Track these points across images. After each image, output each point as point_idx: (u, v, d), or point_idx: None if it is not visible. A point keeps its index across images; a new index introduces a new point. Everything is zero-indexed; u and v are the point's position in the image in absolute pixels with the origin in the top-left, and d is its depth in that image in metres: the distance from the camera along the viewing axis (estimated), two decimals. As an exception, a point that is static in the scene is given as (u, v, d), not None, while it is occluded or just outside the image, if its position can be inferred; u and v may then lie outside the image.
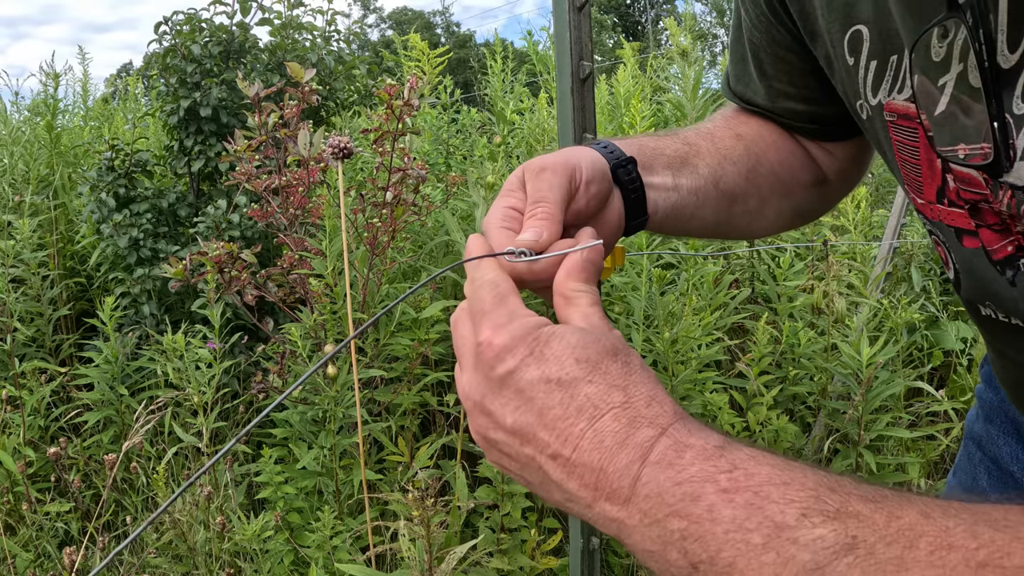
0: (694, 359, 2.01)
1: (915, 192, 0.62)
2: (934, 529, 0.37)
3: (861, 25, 0.61)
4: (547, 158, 0.63)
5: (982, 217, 0.57)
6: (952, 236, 0.61)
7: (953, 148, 0.54)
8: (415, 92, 1.97)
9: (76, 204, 3.41)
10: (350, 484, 1.90)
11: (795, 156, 0.84)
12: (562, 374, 0.46)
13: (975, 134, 0.52)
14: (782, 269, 2.50)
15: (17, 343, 2.58)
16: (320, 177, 2.20)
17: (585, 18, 0.98)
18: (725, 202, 0.78)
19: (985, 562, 0.34)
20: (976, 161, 0.52)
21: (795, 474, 0.41)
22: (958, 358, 2.62)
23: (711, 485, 0.41)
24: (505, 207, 0.61)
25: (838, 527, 0.38)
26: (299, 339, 1.90)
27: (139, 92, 5.02)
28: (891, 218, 2.78)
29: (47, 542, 1.96)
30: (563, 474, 0.45)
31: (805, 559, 0.37)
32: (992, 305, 0.62)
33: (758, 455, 0.42)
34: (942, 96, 0.54)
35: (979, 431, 0.85)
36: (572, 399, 0.45)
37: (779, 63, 0.78)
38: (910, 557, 0.36)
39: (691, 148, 0.77)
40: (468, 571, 1.56)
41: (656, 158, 0.73)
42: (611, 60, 6.20)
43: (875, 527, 0.37)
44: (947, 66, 0.53)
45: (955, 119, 0.53)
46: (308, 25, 3.30)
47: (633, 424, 0.44)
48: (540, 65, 3.78)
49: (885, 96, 0.60)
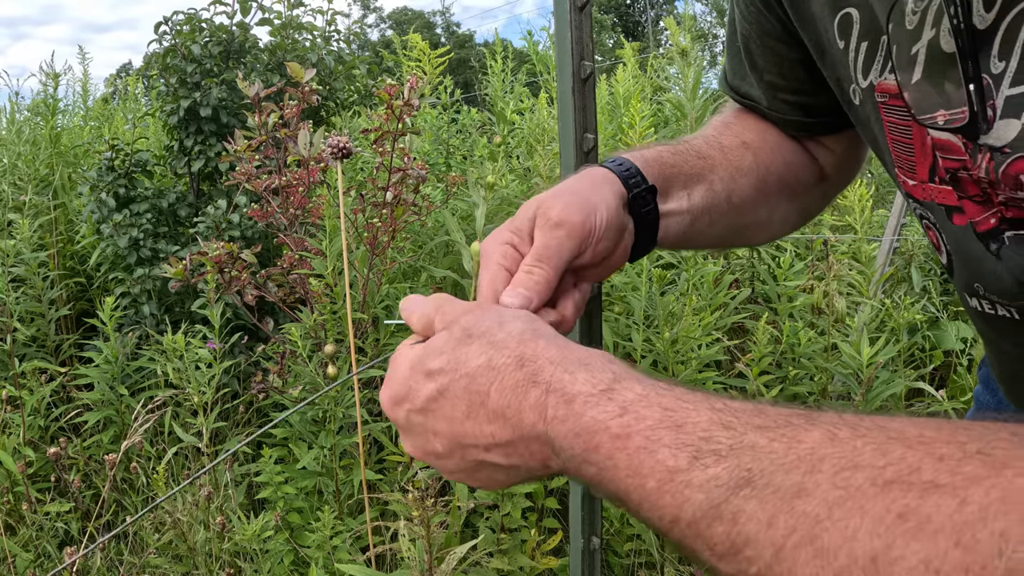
0: (694, 359, 2.01)
1: (907, 173, 0.62)
2: (840, 451, 0.35)
3: (851, 8, 0.61)
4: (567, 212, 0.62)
5: (963, 188, 0.56)
6: (943, 215, 0.60)
7: (932, 115, 0.54)
8: (415, 92, 1.97)
9: (76, 204, 3.41)
10: (350, 484, 1.90)
11: (797, 157, 0.84)
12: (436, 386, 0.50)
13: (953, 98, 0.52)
14: (782, 269, 2.50)
15: (17, 343, 2.58)
16: (320, 177, 2.20)
17: (586, 18, 0.98)
18: (735, 215, 0.78)
19: (892, 479, 0.32)
20: (955, 124, 0.52)
21: (688, 414, 0.40)
22: (958, 358, 2.62)
23: (604, 434, 0.42)
24: (507, 243, 0.63)
25: (731, 463, 0.37)
26: (299, 339, 1.90)
27: (139, 92, 5.02)
28: (891, 218, 2.78)
29: (47, 542, 1.95)
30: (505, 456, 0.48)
31: (700, 499, 0.37)
32: (981, 288, 0.62)
33: (649, 393, 0.43)
34: (916, 64, 0.54)
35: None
36: (458, 397, 0.49)
37: (768, 54, 0.77)
38: (811, 481, 0.34)
39: (705, 162, 0.76)
40: (468, 571, 1.56)
41: (674, 179, 0.73)
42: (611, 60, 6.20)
43: (772, 456, 0.36)
44: (919, 33, 0.53)
45: (931, 86, 0.54)
46: (308, 25, 3.30)
47: (517, 391, 0.46)
48: (540, 65, 3.78)
49: (876, 77, 0.60)
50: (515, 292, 0.59)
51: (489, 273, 0.62)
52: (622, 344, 2.18)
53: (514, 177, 3.05)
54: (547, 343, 0.48)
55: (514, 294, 0.59)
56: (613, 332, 2.14)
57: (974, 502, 0.30)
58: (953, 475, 0.31)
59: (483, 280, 0.62)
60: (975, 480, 0.30)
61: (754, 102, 0.82)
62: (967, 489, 0.30)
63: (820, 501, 0.34)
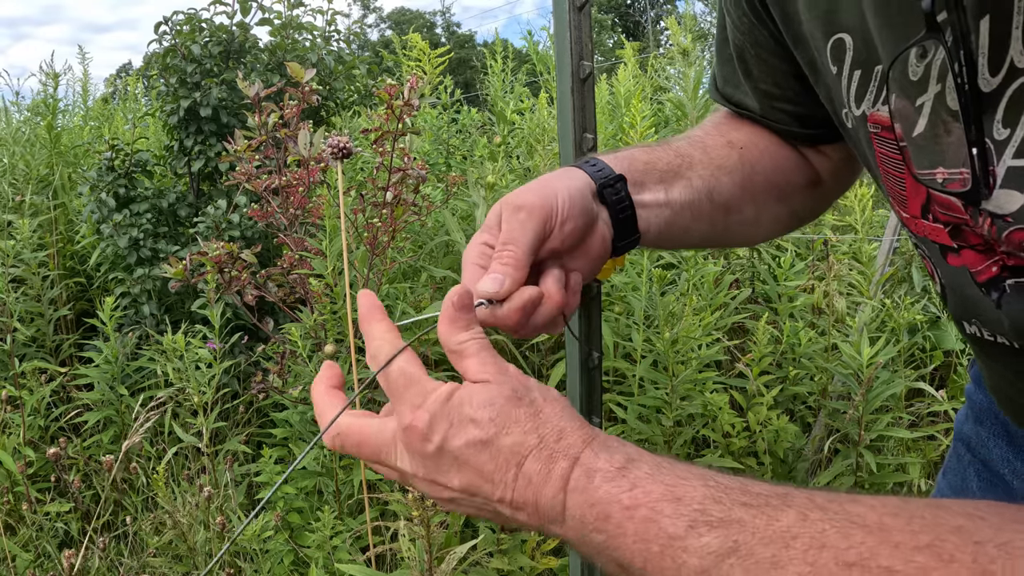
0: (694, 359, 2.00)
1: (900, 206, 0.61)
2: (810, 531, 0.41)
3: (844, 33, 0.59)
4: (525, 195, 0.65)
5: (964, 238, 0.55)
6: (937, 252, 0.59)
7: (931, 172, 0.53)
8: (415, 92, 1.96)
9: (76, 204, 3.41)
10: (350, 484, 1.90)
11: (789, 160, 0.82)
12: (482, 435, 0.52)
13: (954, 158, 0.50)
14: (783, 269, 2.50)
15: (17, 343, 2.58)
16: (320, 177, 2.20)
17: (585, 18, 0.98)
18: (720, 213, 0.78)
19: (853, 562, 0.38)
20: (954, 187, 0.51)
21: (686, 489, 0.46)
22: (958, 358, 2.62)
23: (616, 505, 0.47)
24: (482, 243, 0.66)
25: (721, 534, 0.43)
26: (299, 339, 1.90)
27: (139, 92, 5.02)
28: (891, 218, 2.78)
29: (47, 542, 1.95)
30: (511, 511, 0.52)
31: (694, 563, 0.43)
32: (978, 323, 0.61)
33: (655, 472, 0.48)
34: (920, 117, 0.52)
35: (969, 432, 0.83)
36: (499, 452, 0.52)
37: (763, 65, 0.76)
38: (785, 556, 0.40)
39: (683, 160, 0.76)
40: (468, 571, 1.56)
41: (648, 173, 0.73)
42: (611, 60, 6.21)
43: (755, 531, 0.42)
44: (924, 86, 0.51)
45: (933, 142, 0.52)
46: (308, 25, 3.30)
47: (550, 460, 0.51)
48: (540, 65, 3.78)
49: (869, 107, 0.59)
50: (488, 277, 0.61)
51: (467, 274, 0.64)
52: (622, 344, 2.18)
53: (514, 177, 3.05)
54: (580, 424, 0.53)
55: (487, 279, 0.61)
56: (613, 332, 2.14)
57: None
58: (906, 564, 0.37)
59: (464, 281, 0.63)
60: (926, 570, 0.37)
61: (748, 111, 0.81)
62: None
63: (792, 573, 0.40)
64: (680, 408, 2.00)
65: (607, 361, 2.07)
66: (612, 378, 2.24)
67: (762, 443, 2.06)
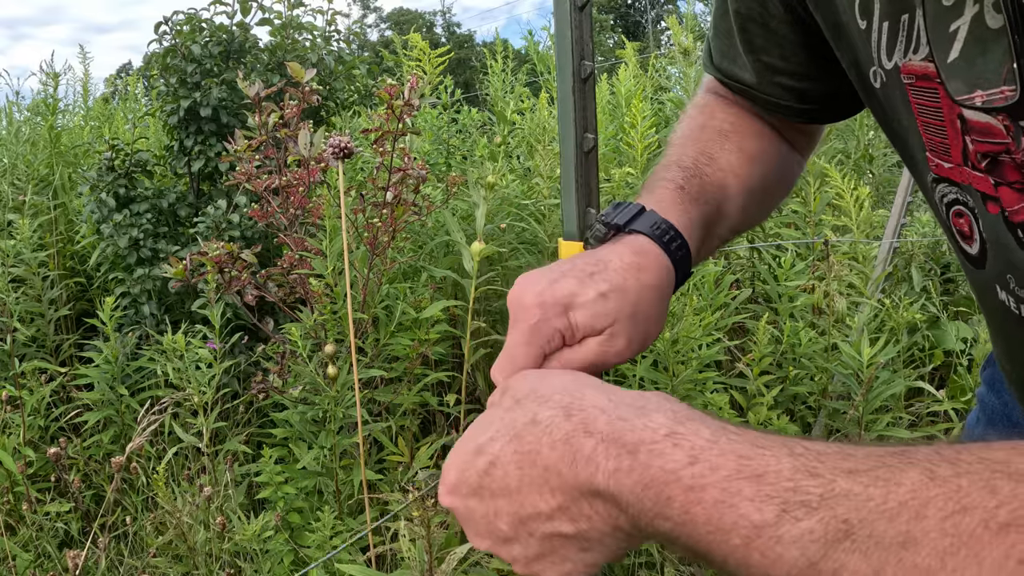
0: (695, 359, 2.00)
1: (942, 156, 0.59)
2: (944, 491, 0.32)
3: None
4: (630, 325, 0.60)
5: (1002, 173, 0.53)
6: (979, 201, 0.57)
7: (970, 96, 0.51)
8: (416, 92, 1.96)
9: (76, 204, 3.41)
10: (350, 484, 1.90)
11: (786, 160, 0.83)
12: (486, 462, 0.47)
13: (992, 78, 0.50)
14: (783, 269, 2.50)
15: (17, 343, 2.58)
16: (320, 177, 2.20)
17: (586, 18, 0.98)
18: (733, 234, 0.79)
19: (1008, 522, 0.30)
20: (998, 103, 0.49)
21: (768, 460, 0.37)
22: (958, 358, 2.62)
23: (676, 486, 0.38)
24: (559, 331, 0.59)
25: (825, 515, 0.34)
26: (299, 339, 1.90)
27: (139, 92, 5.02)
28: (891, 218, 2.78)
29: (47, 542, 1.95)
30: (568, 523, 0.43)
31: (794, 556, 0.34)
32: (1012, 281, 0.59)
33: (720, 439, 0.39)
34: (955, 42, 0.51)
35: (980, 435, 0.83)
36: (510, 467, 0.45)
37: (770, 35, 0.75)
38: (918, 529, 0.32)
39: (723, 193, 0.75)
40: (468, 571, 1.56)
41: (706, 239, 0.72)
42: (612, 60, 6.20)
43: (871, 503, 0.33)
44: (960, 9, 0.50)
45: (970, 65, 0.51)
46: (308, 25, 3.30)
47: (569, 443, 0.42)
48: (541, 65, 3.78)
49: (901, 58, 0.58)
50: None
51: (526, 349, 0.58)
52: (622, 344, 2.17)
53: (514, 177, 3.05)
54: (594, 391, 0.45)
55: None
56: (613, 332, 2.14)
57: None
58: None
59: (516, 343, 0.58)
60: None
61: (744, 85, 0.79)
62: None
63: (931, 551, 0.31)
64: (680, 408, 2.00)
65: (607, 361, 2.06)
66: (612, 378, 2.25)
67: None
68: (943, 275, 3.01)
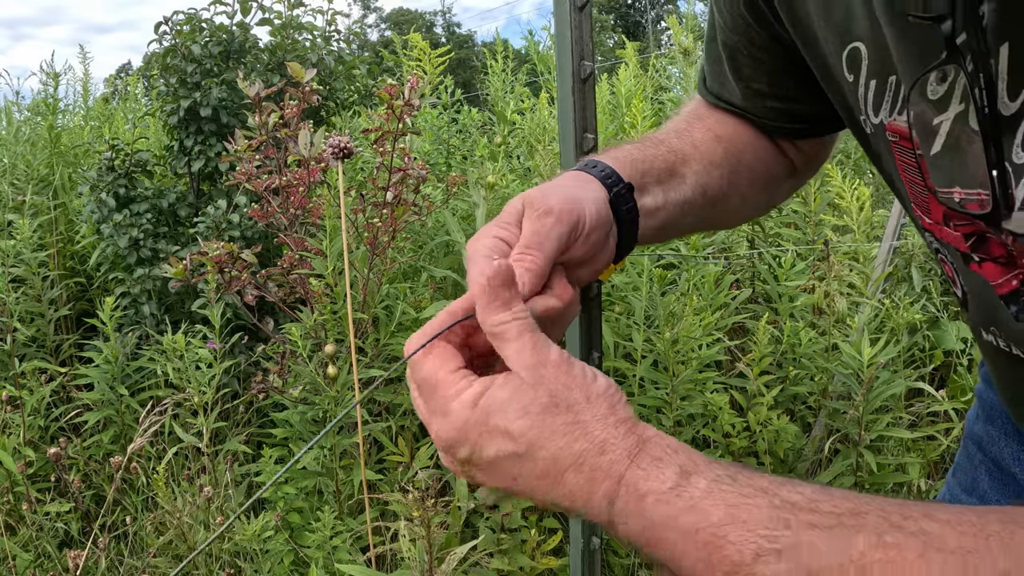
0: (695, 359, 2.00)
1: (923, 212, 0.60)
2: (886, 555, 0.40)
3: (859, 42, 0.59)
4: (553, 199, 0.62)
5: (986, 250, 0.55)
6: (959, 260, 0.59)
7: (949, 190, 0.53)
8: (416, 92, 1.96)
9: (76, 204, 3.41)
10: (350, 484, 1.90)
11: (769, 153, 0.84)
12: (515, 448, 0.50)
13: (971, 178, 0.51)
14: (783, 269, 2.50)
15: (17, 343, 2.58)
16: (320, 177, 2.20)
17: (586, 18, 0.98)
18: (708, 207, 0.79)
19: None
20: (973, 208, 0.51)
21: (750, 511, 0.44)
22: (958, 358, 2.62)
23: (673, 530, 0.46)
24: (496, 238, 0.61)
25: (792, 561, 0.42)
26: (299, 339, 1.90)
27: (139, 92, 5.02)
28: (891, 218, 2.78)
29: (47, 542, 1.95)
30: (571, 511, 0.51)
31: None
32: (995, 332, 0.61)
33: (714, 490, 0.46)
34: (938, 136, 0.52)
35: (979, 431, 0.84)
36: (535, 466, 0.50)
37: (758, 64, 0.77)
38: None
39: (677, 157, 0.76)
40: (468, 571, 1.56)
41: (647, 175, 0.72)
42: (612, 60, 6.21)
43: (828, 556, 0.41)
44: (945, 105, 0.51)
45: (951, 161, 0.52)
46: (308, 25, 3.30)
47: (592, 481, 0.49)
48: (541, 65, 3.78)
49: (886, 117, 0.59)
50: None
51: (478, 267, 0.59)
52: (622, 344, 2.18)
53: (514, 177, 3.05)
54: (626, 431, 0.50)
55: None
56: (614, 332, 2.14)
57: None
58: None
59: (472, 275, 0.59)
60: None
61: (737, 108, 0.82)
62: None
63: None
64: (680, 408, 2.00)
65: (607, 361, 2.07)
66: (612, 378, 2.24)
67: (762, 443, 2.06)
68: (943, 275, 3.00)
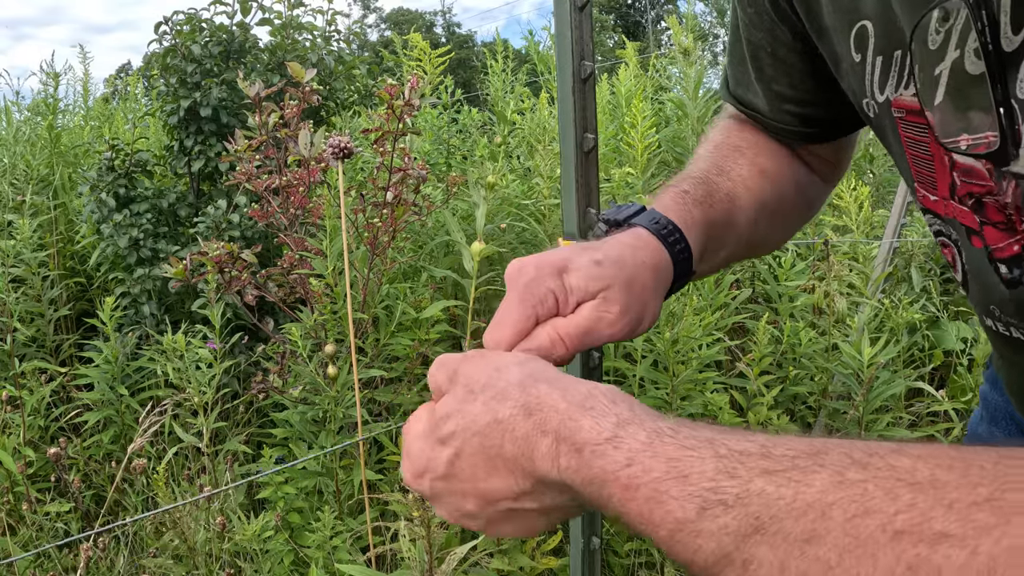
0: (695, 359, 2.00)
1: (928, 189, 0.61)
2: (848, 494, 0.35)
3: (866, 20, 0.59)
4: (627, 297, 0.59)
5: (986, 213, 0.55)
6: (963, 234, 0.59)
7: (955, 139, 0.53)
8: (416, 92, 1.96)
9: (76, 204, 3.41)
10: (350, 484, 1.90)
11: (805, 181, 0.84)
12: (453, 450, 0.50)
13: (977, 124, 0.51)
14: (783, 269, 2.50)
15: (17, 343, 2.58)
16: (320, 177, 2.20)
17: (586, 18, 0.98)
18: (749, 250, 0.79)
19: (903, 529, 0.33)
20: (980, 150, 0.51)
21: (693, 463, 0.41)
22: (958, 358, 2.62)
23: (614, 484, 0.42)
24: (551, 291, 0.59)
25: (739, 512, 0.38)
26: (299, 339, 1.90)
27: (139, 92, 5.02)
28: (891, 218, 2.78)
29: (47, 542, 1.95)
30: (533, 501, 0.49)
31: (711, 547, 0.38)
32: (996, 311, 0.61)
33: (654, 442, 0.43)
34: (939, 87, 0.53)
35: (983, 433, 0.83)
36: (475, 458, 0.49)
37: (779, 64, 0.76)
38: (821, 527, 0.35)
39: (733, 205, 0.75)
40: (468, 571, 1.56)
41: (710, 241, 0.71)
42: (612, 60, 6.20)
43: (781, 502, 0.37)
44: (943, 54, 0.52)
45: (954, 108, 0.52)
46: (308, 25, 3.30)
47: (528, 441, 0.47)
48: (541, 65, 3.78)
49: (892, 92, 0.59)
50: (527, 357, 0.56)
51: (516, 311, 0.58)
52: (622, 344, 2.18)
53: (515, 177, 3.05)
54: (549, 387, 0.48)
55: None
56: (613, 332, 2.14)
57: (983, 553, 0.30)
58: (964, 525, 0.31)
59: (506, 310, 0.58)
60: (985, 530, 0.31)
61: (756, 112, 0.81)
62: (977, 539, 0.31)
63: (831, 547, 0.34)
64: (680, 408, 2.00)
65: (607, 361, 2.07)
66: (612, 378, 2.24)
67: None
68: (943, 275, 3.01)
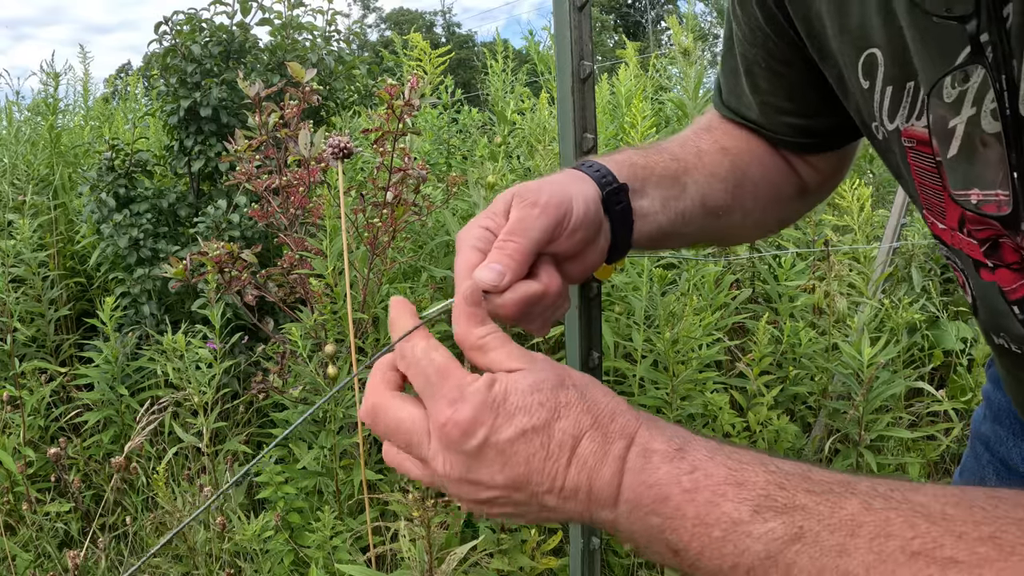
0: (695, 359, 2.00)
1: (937, 217, 0.60)
2: (874, 519, 0.41)
3: (875, 48, 0.59)
4: (543, 192, 0.63)
5: (1000, 256, 0.55)
6: (971, 266, 0.59)
7: (966, 192, 0.53)
8: (416, 92, 1.96)
9: (76, 204, 3.41)
10: (350, 484, 1.90)
11: (779, 170, 0.83)
12: (534, 422, 0.50)
13: (990, 180, 0.51)
14: (783, 269, 2.50)
15: (17, 343, 2.58)
16: (320, 177, 2.20)
17: (586, 18, 0.98)
18: (710, 219, 0.78)
19: (919, 551, 0.39)
20: (991, 210, 0.51)
21: (748, 474, 0.46)
22: (958, 358, 2.62)
23: (676, 487, 0.47)
24: (483, 227, 0.62)
25: (786, 520, 0.43)
26: (299, 339, 1.90)
27: (139, 92, 5.02)
28: (891, 218, 2.78)
29: (47, 542, 1.95)
30: (559, 501, 0.51)
31: (758, 549, 0.43)
32: (1006, 336, 0.61)
33: (715, 454, 0.48)
34: (953, 139, 0.53)
35: (987, 431, 0.84)
36: (551, 439, 0.50)
37: (776, 78, 0.76)
38: (851, 544, 0.41)
39: (679, 165, 0.76)
40: (468, 572, 1.56)
41: (647, 179, 0.72)
42: (612, 60, 6.21)
43: (820, 518, 0.42)
44: (958, 108, 0.52)
45: (968, 163, 0.52)
46: (308, 25, 3.30)
47: (606, 441, 0.50)
48: (541, 65, 3.78)
49: (903, 123, 0.59)
50: (488, 266, 0.59)
51: (463, 256, 0.61)
52: (622, 344, 2.18)
53: (514, 177, 3.05)
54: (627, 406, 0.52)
55: (487, 268, 0.58)
56: (614, 332, 2.14)
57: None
58: (970, 554, 0.38)
59: (458, 263, 0.61)
60: (988, 561, 0.37)
61: (751, 123, 0.81)
62: (981, 568, 0.37)
63: (859, 562, 0.40)
64: (680, 408, 2.00)
65: (607, 361, 2.07)
66: (612, 378, 2.24)
67: (762, 443, 2.06)
68: (943, 275, 3.01)
